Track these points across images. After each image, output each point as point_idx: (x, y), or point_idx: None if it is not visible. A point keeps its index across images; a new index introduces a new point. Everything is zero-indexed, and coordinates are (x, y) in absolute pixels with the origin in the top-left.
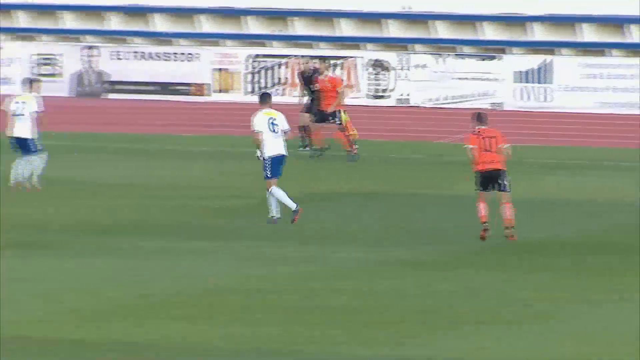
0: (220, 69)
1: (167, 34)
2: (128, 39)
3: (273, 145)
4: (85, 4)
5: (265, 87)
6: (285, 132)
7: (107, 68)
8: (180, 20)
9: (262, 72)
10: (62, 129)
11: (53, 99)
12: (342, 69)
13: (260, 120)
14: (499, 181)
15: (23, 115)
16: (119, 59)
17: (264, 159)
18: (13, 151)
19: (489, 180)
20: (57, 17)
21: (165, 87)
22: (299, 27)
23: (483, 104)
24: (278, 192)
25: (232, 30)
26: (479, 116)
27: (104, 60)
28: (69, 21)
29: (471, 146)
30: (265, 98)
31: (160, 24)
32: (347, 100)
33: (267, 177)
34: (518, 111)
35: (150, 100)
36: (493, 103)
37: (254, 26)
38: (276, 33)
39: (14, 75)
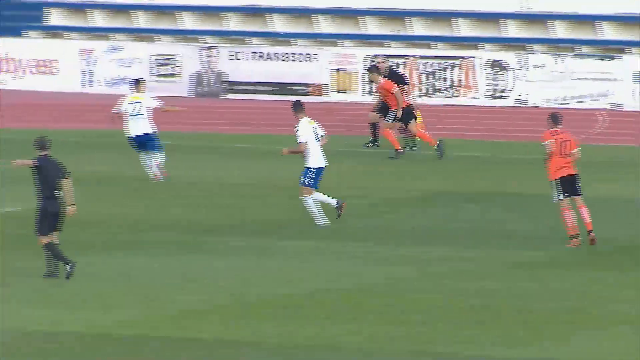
0: (338, 69)
1: (285, 34)
2: (246, 39)
3: (317, 156)
4: (205, 5)
5: None
6: (322, 138)
7: (225, 68)
8: (299, 21)
9: None
10: (180, 129)
11: (172, 99)
12: (460, 68)
13: (306, 130)
14: (576, 185)
15: (142, 114)
16: (237, 59)
17: (308, 168)
18: (135, 149)
19: (567, 185)
20: (176, 18)
21: (283, 88)
22: (417, 27)
23: (602, 104)
24: (311, 202)
25: (350, 31)
26: (554, 116)
27: (223, 61)
28: (188, 22)
29: (548, 141)
30: (301, 106)
31: (278, 24)
32: (465, 101)
33: (307, 184)
34: (637, 112)
35: (268, 101)
36: (612, 103)
37: (372, 26)
38: (394, 33)
39: (135, 75)
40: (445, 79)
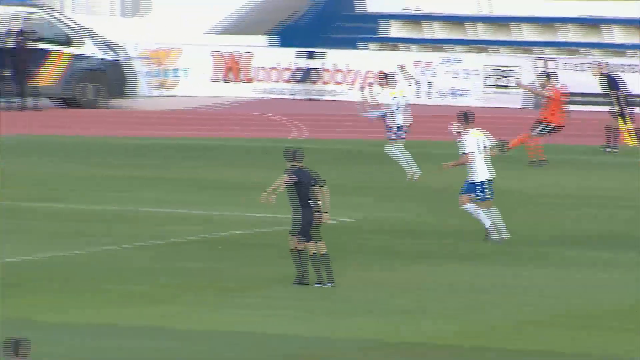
0: None
1: (623, 45)
2: (583, 50)
3: (482, 168)
4: (542, 16)
5: None
6: (490, 149)
7: (562, 80)
8: (637, 31)
9: None
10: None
11: (506, 111)
12: None
13: (472, 142)
14: None
15: (398, 108)
16: (574, 70)
17: (474, 182)
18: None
19: None
20: (512, 29)
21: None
22: None
23: None
24: (474, 209)
25: None
26: None
27: (560, 72)
28: (526, 33)
29: None
30: (471, 117)
31: (617, 34)
32: None
33: (483, 199)
34: None
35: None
36: None
37: None
38: None
39: (472, 87)
40: None
